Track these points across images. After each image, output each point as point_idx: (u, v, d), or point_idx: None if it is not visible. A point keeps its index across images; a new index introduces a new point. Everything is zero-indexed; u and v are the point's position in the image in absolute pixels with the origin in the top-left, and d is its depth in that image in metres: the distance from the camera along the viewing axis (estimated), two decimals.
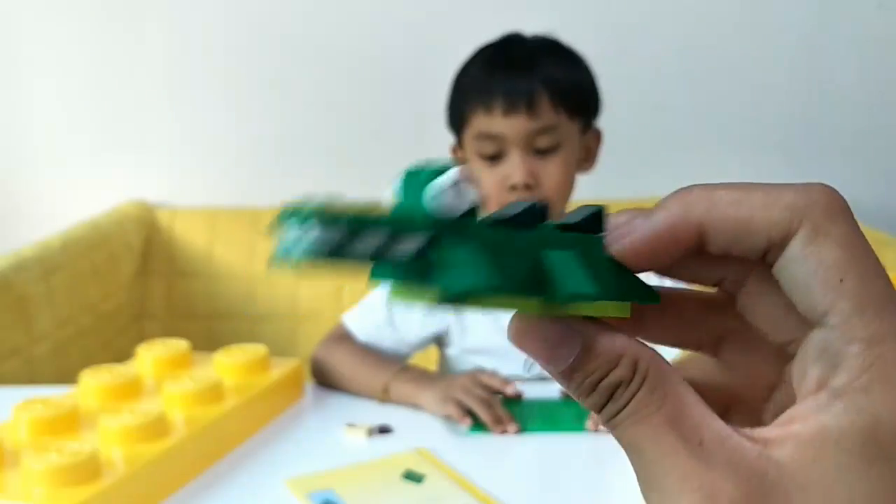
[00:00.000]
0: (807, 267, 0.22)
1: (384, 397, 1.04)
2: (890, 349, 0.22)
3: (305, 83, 2.09)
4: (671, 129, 2.09)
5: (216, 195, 2.11)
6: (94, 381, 0.94)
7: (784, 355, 0.25)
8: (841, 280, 0.22)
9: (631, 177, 2.06)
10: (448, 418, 0.97)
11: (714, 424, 0.22)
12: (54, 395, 0.92)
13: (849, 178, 2.08)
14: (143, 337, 1.98)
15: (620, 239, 0.24)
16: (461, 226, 0.23)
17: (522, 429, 0.94)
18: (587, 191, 1.35)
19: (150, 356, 1.02)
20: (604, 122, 1.20)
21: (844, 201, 0.23)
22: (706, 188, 0.24)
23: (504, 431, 0.93)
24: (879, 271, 0.23)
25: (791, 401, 0.24)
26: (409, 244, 0.23)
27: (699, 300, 0.27)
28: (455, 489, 0.80)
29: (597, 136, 1.17)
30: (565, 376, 0.23)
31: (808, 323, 0.23)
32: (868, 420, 0.21)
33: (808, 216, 0.22)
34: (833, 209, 0.23)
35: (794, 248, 0.23)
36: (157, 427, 0.83)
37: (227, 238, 2.04)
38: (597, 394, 0.23)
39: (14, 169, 2.12)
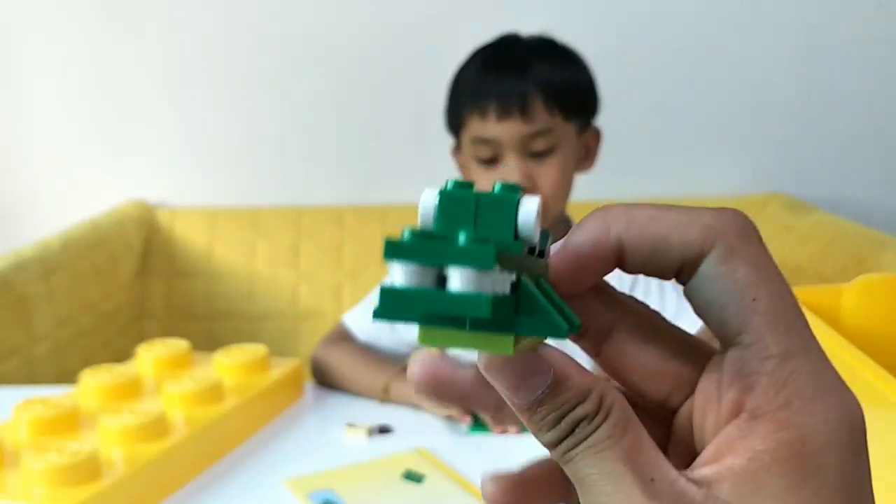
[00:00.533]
0: (720, 286, 0.23)
1: (384, 397, 1.04)
2: (802, 364, 0.22)
3: (305, 83, 2.09)
4: (671, 129, 2.09)
5: (216, 195, 2.11)
6: (94, 381, 0.94)
7: (663, 414, 0.25)
8: (754, 299, 0.23)
9: (631, 177, 2.06)
10: (449, 418, 0.97)
11: (664, 466, 0.22)
12: (54, 395, 0.92)
13: (849, 177, 2.09)
14: (142, 337, 1.98)
15: (550, 259, 0.24)
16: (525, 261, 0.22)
17: (523, 428, 0.94)
18: (588, 191, 1.35)
19: (150, 356, 1.02)
20: (603, 121, 1.20)
21: (755, 226, 0.24)
22: (625, 207, 0.24)
23: (504, 431, 0.93)
24: (788, 291, 0.23)
25: (686, 456, 0.24)
26: (503, 285, 0.21)
27: None
28: (455, 489, 0.80)
29: (596, 136, 1.16)
30: (530, 407, 0.23)
31: (701, 353, 0.24)
32: (793, 436, 0.22)
33: (721, 237, 0.23)
34: (745, 231, 0.23)
35: (708, 267, 0.23)
36: (157, 427, 0.83)
37: (227, 238, 2.04)
38: (558, 428, 0.23)
39: (14, 169, 2.12)
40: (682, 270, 0.24)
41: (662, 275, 0.24)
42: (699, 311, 0.24)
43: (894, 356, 0.76)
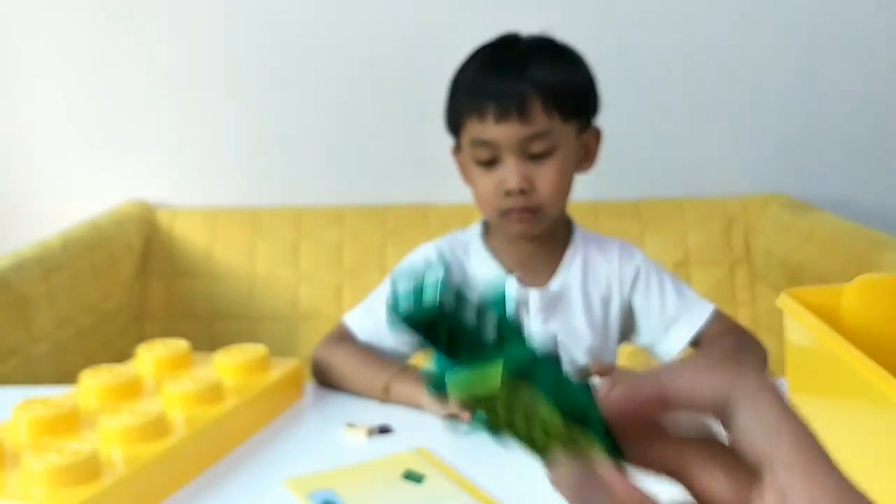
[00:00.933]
0: (747, 434, 0.29)
1: (385, 397, 1.04)
2: (821, 495, 0.28)
3: (305, 84, 2.09)
4: (673, 131, 2.09)
5: (216, 195, 2.11)
6: (95, 382, 0.94)
7: None
8: (775, 438, 0.28)
9: (633, 177, 2.06)
10: (448, 417, 0.97)
11: None
12: (54, 395, 0.93)
13: (848, 177, 2.09)
14: (143, 337, 1.98)
15: (609, 396, 0.31)
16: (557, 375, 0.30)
17: None
18: (588, 192, 1.35)
19: (151, 356, 1.03)
20: (606, 122, 1.19)
21: (773, 381, 0.30)
22: (668, 369, 0.31)
23: None
24: (804, 431, 0.29)
25: None
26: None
27: None
28: (455, 489, 0.80)
29: (596, 135, 1.16)
30: None
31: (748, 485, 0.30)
32: None
33: (744, 393, 0.29)
34: (765, 386, 0.29)
35: (735, 418, 0.29)
36: (157, 427, 0.83)
37: (227, 238, 2.05)
38: None
39: (14, 169, 2.12)
40: (714, 417, 0.30)
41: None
42: (736, 448, 0.30)
43: (894, 356, 0.76)
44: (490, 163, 1.08)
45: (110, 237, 1.90)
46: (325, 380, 1.11)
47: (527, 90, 1.05)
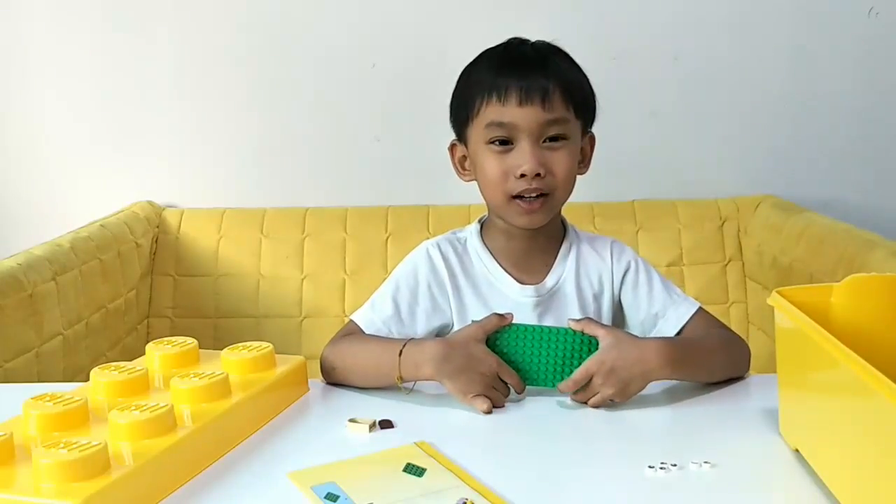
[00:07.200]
0: None
1: (396, 373, 1.04)
2: None
3: (309, 89, 2.11)
4: (665, 134, 2.10)
5: (222, 196, 2.13)
6: (104, 378, 0.96)
7: None
8: None
9: (631, 180, 2.08)
10: (473, 398, 1.00)
11: None
12: (64, 391, 0.94)
13: (839, 181, 2.10)
14: (150, 335, 2.01)
15: None
16: None
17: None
18: (585, 193, 1.36)
19: (159, 353, 1.04)
20: (601, 127, 1.21)
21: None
22: None
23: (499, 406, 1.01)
24: None
25: None
26: None
27: None
28: (455, 482, 0.81)
29: (592, 141, 1.20)
30: None
31: None
32: None
33: None
34: None
35: None
36: (165, 422, 0.84)
37: (234, 238, 2.06)
38: None
39: (25, 170, 2.14)
40: None
41: None
42: None
43: (883, 352, 0.77)
44: (503, 144, 1.10)
45: (119, 237, 1.92)
46: (336, 375, 1.11)
47: (549, 81, 1.09)
